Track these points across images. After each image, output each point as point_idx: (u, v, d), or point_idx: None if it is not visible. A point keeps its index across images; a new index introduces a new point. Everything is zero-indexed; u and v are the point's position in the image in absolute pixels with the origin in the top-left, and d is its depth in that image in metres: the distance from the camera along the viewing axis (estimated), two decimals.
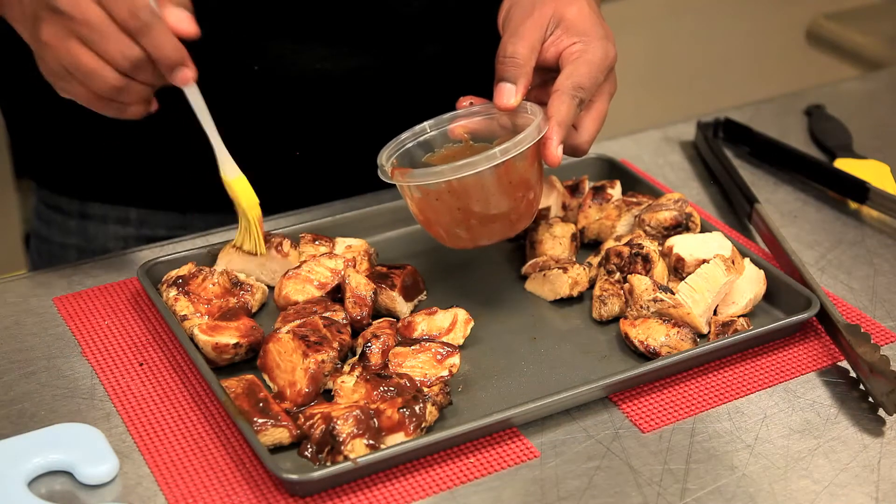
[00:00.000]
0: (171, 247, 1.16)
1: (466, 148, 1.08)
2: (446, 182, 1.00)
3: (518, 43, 1.03)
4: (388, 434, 0.91)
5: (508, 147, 0.99)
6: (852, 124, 1.42)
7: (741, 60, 3.15)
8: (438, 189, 1.01)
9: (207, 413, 0.95)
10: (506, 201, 1.03)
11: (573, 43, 1.04)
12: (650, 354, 1.01)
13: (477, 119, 1.08)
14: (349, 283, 1.04)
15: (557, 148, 1.01)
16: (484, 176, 1.00)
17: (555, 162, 1.01)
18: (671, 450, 0.93)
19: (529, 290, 1.11)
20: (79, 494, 0.88)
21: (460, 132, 1.08)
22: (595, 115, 1.06)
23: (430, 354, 0.98)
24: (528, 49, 1.03)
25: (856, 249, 1.20)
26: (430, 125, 1.09)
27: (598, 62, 1.04)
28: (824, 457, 0.94)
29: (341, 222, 1.16)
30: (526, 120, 1.04)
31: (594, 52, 1.04)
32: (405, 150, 1.08)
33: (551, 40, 1.05)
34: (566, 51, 1.04)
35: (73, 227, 1.29)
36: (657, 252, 1.09)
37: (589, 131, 1.06)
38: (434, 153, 1.09)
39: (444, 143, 1.09)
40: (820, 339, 1.06)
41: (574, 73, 1.03)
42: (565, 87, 1.02)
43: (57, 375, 0.99)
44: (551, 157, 1.01)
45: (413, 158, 1.08)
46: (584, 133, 1.05)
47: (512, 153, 0.99)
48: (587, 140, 1.06)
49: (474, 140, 1.08)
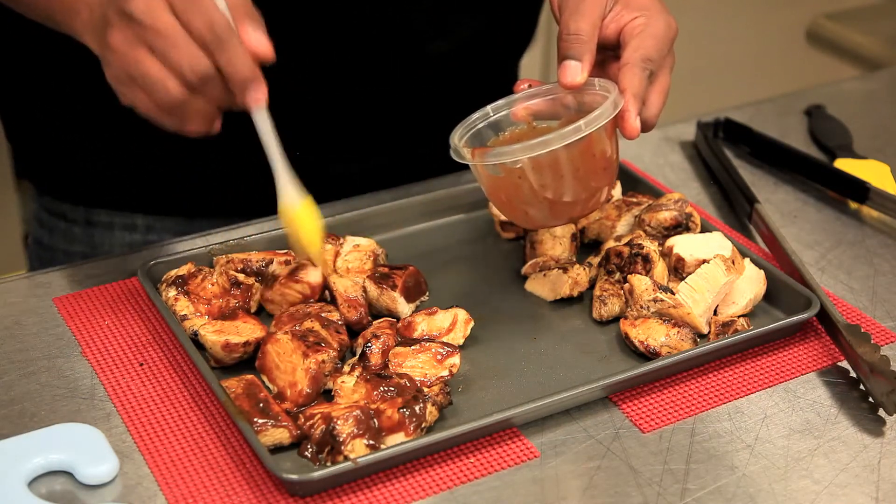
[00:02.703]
0: (171, 247, 1.16)
1: (530, 130, 1.06)
2: (528, 160, 0.99)
3: (581, 20, 1.02)
4: (388, 434, 0.91)
5: (589, 121, 0.97)
6: (852, 124, 1.42)
7: (741, 60, 3.15)
8: (519, 168, 0.99)
9: (207, 413, 0.95)
10: (586, 179, 1.01)
11: (634, 17, 1.04)
12: (650, 354, 1.01)
13: (539, 100, 1.06)
14: (337, 290, 1.04)
15: (636, 120, 1.00)
16: (565, 152, 0.98)
17: (633, 134, 1.00)
18: (671, 450, 0.93)
19: (529, 290, 1.11)
20: (79, 494, 0.88)
21: (523, 114, 1.07)
22: (659, 88, 1.05)
23: (430, 354, 0.98)
24: (590, 25, 1.02)
25: (856, 249, 1.20)
26: (494, 108, 1.07)
27: (662, 34, 1.03)
28: (824, 457, 0.94)
29: (341, 222, 1.16)
30: (593, 97, 1.03)
31: (657, 24, 1.04)
32: (476, 131, 1.06)
33: (611, 16, 1.05)
34: (628, 25, 1.04)
35: (78, 234, 1.29)
36: (657, 252, 1.09)
37: (656, 104, 1.05)
38: (498, 136, 1.08)
39: (509, 125, 1.08)
40: (820, 339, 1.06)
41: (641, 46, 1.02)
42: (635, 60, 1.01)
43: (57, 375, 0.99)
44: (630, 130, 1.00)
45: (483, 140, 1.07)
46: (652, 106, 1.04)
47: (594, 126, 0.97)
48: (655, 113, 1.05)
49: (537, 121, 1.07)
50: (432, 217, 1.20)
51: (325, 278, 1.06)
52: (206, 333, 0.99)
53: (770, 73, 3.03)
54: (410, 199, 1.20)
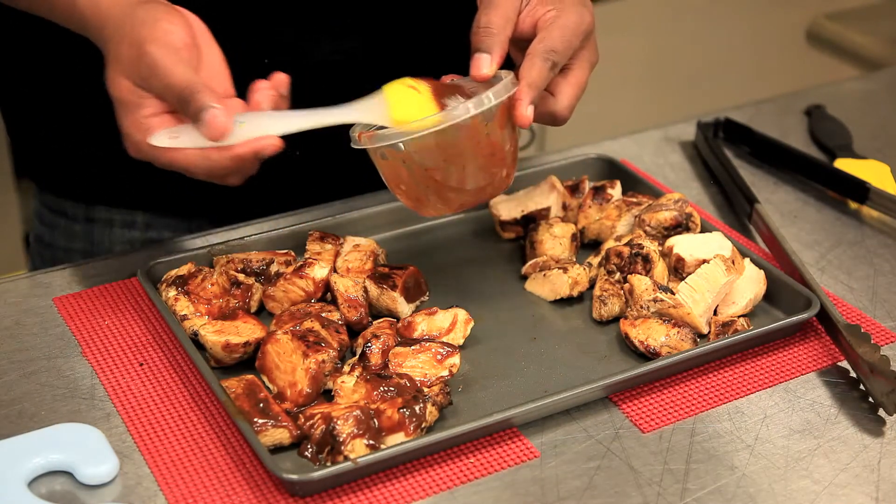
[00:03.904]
0: (171, 247, 1.16)
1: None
2: (414, 143, 0.98)
3: (492, 13, 1.03)
4: (388, 434, 0.91)
5: (473, 103, 0.97)
6: (852, 124, 1.42)
7: (741, 60, 3.15)
8: (406, 151, 0.99)
9: (207, 413, 0.95)
10: (475, 165, 1.01)
11: (548, 10, 1.04)
12: (650, 354, 1.01)
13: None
14: (338, 290, 1.04)
15: (527, 108, 1.00)
16: (451, 135, 0.98)
17: (524, 123, 1.00)
18: (671, 450, 0.93)
19: (529, 290, 1.11)
20: (79, 494, 0.88)
21: None
22: (573, 81, 1.05)
23: (430, 354, 0.98)
24: (502, 18, 1.03)
25: (856, 249, 1.20)
26: None
27: (572, 26, 1.04)
28: (824, 457, 0.94)
29: (341, 222, 1.16)
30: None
31: (567, 16, 1.04)
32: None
33: (527, 11, 1.05)
34: (541, 18, 1.04)
35: (78, 231, 1.29)
36: (657, 252, 1.09)
37: (568, 97, 1.05)
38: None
39: None
40: (820, 339, 1.06)
41: (547, 38, 1.03)
42: (537, 51, 1.02)
43: (57, 375, 0.99)
44: (521, 118, 1.00)
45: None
46: (563, 99, 1.05)
47: (475, 111, 0.97)
48: (566, 106, 1.05)
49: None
50: (432, 217, 1.20)
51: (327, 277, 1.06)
52: (206, 333, 0.99)
53: (770, 73, 3.04)
54: None
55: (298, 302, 1.05)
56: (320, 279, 1.05)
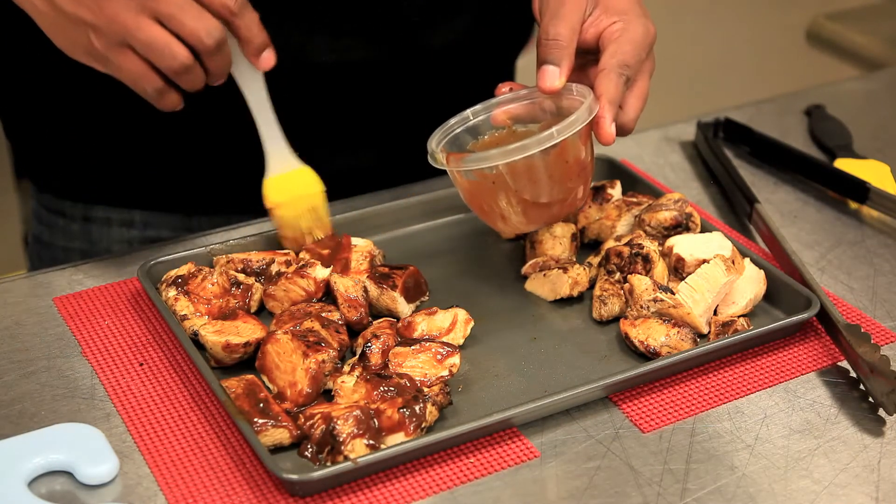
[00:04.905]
0: (170, 247, 1.16)
1: (510, 134, 1.08)
2: (504, 165, 1.00)
3: (559, 24, 1.03)
4: (388, 434, 0.91)
5: (563, 127, 0.98)
6: (852, 124, 1.42)
7: (741, 60, 3.15)
8: (495, 173, 1.01)
9: (207, 413, 0.95)
10: (561, 183, 1.03)
11: (613, 22, 1.05)
12: (650, 354, 1.01)
13: (519, 104, 1.08)
14: (338, 290, 1.04)
15: (611, 126, 1.01)
16: (540, 157, 1.00)
17: (609, 140, 1.01)
18: (671, 450, 0.93)
19: (529, 290, 1.11)
20: (79, 494, 0.88)
21: (503, 118, 1.08)
22: (638, 92, 1.06)
23: (430, 354, 0.98)
24: (569, 30, 1.03)
25: (856, 249, 1.20)
26: (473, 112, 1.09)
27: (640, 40, 1.04)
28: (824, 457, 0.94)
29: (341, 223, 1.16)
30: (571, 102, 1.04)
31: (635, 29, 1.04)
32: (454, 136, 1.08)
33: (591, 21, 1.05)
34: (607, 30, 1.05)
35: (76, 230, 1.29)
36: (657, 252, 1.09)
37: (634, 109, 1.06)
38: (477, 140, 1.09)
39: (488, 129, 1.09)
40: (820, 339, 1.06)
41: (618, 52, 1.03)
42: (611, 66, 1.02)
43: (57, 375, 0.99)
44: (605, 136, 1.01)
45: (461, 145, 1.08)
46: (630, 111, 1.06)
47: (567, 133, 0.99)
48: (633, 118, 1.06)
49: (517, 125, 1.08)
50: (432, 217, 1.20)
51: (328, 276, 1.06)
52: (206, 334, 0.99)
53: (770, 73, 3.04)
54: (410, 199, 1.20)
55: (299, 301, 1.05)
56: (322, 279, 1.05)
